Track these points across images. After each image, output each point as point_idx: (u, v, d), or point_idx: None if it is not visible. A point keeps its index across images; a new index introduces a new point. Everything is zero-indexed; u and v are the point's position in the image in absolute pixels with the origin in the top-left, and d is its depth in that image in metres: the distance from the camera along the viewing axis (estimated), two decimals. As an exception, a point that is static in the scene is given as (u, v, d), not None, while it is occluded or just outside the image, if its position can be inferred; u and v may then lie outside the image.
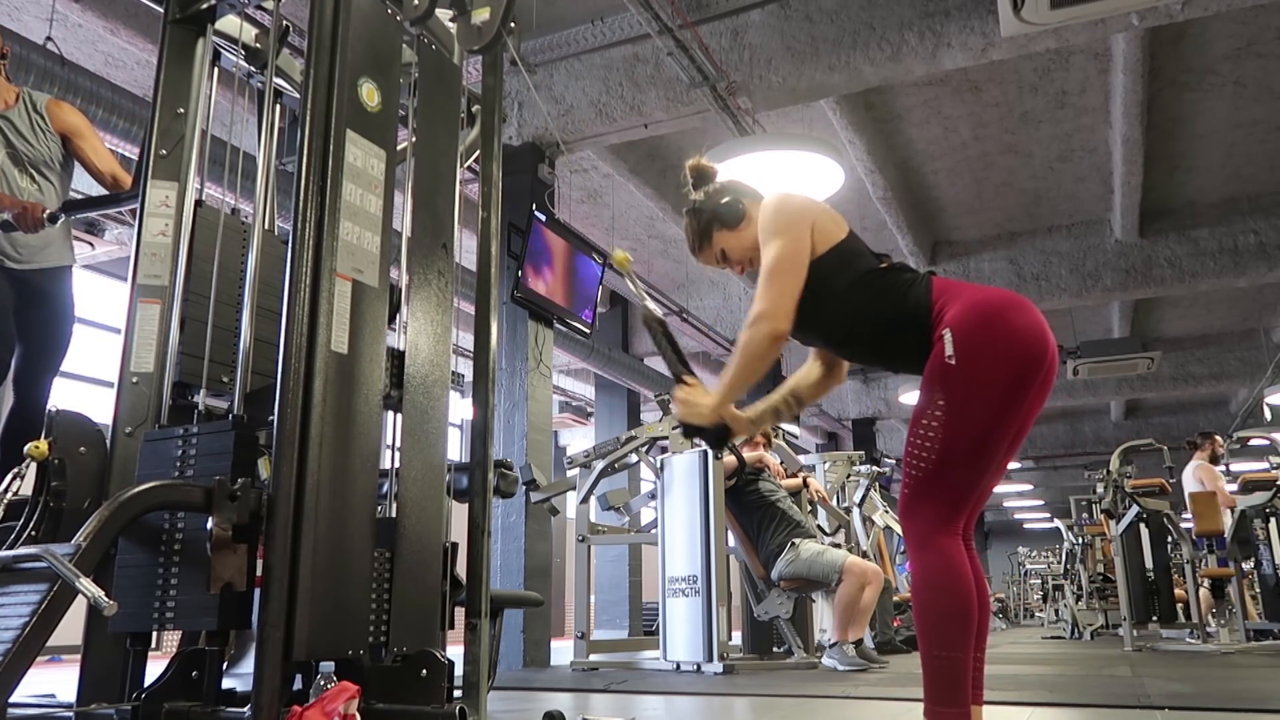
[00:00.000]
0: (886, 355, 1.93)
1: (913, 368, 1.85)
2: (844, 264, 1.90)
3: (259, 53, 2.46)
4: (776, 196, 1.97)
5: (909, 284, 1.86)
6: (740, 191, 2.08)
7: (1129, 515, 6.58)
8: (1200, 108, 6.53)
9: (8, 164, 3.06)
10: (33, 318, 3.08)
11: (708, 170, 2.14)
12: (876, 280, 1.89)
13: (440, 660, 1.78)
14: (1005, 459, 1.82)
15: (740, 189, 2.09)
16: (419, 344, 1.99)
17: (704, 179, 2.12)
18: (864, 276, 1.89)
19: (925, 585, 1.73)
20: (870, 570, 4.80)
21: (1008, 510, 24.63)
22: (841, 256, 1.91)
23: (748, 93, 5.39)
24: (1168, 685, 3.49)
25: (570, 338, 7.76)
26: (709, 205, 2.07)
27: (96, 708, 1.80)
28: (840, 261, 1.90)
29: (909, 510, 1.77)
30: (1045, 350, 1.75)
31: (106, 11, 4.57)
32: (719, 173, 2.14)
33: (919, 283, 1.86)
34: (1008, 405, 1.72)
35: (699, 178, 2.13)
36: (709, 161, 2.15)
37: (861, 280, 1.89)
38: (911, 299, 1.83)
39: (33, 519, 1.89)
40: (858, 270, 1.89)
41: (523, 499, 5.35)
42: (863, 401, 13.53)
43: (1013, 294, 1.80)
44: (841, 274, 1.89)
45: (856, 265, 1.90)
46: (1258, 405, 10.62)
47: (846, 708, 2.92)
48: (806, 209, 1.93)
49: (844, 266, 1.90)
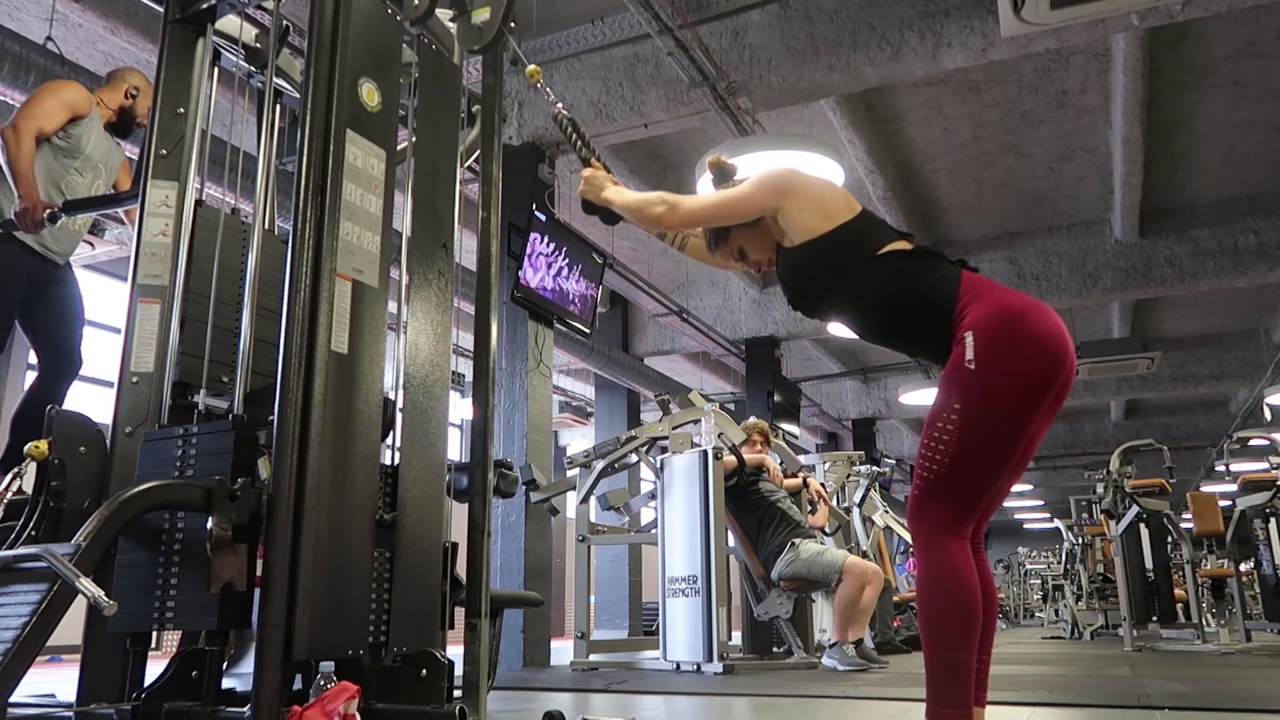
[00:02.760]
0: (901, 338, 1.93)
1: (929, 355, 1.86)
2: (858, 241, 1.89)
3: (259, 53, 2.46)
4: (786, 167, 2.02)
5: (936, 272, 1.84)
6: None
7: (1129, 515, 6.58)
8: (1200, 108, 6.53)
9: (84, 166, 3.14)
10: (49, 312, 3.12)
11: (728, 168, 2.14)
12: (898, 261, 1.87)
13: (440, 660, 1.78)
14: (1021, 464, 1.81)
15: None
16: (419, 344, 1.99)
17: (724, 177, 2.13)
18: (883, 256, 1.88)
19: (929, 586, 1.73)
20: (870, 570, 4.80)
21: (1008, 510, 24.62)
22: (853, 234, 1.90)
23: (748, 93, 5.39)
24: (1168, 685, 3.49)
25: (570, 338, 7.76)
26: None
27: (96, 708, 1.80)
28: (853, 239, 1.90)
29: (918, 511, 1.77)
30: (1065, 357, 1.73)
31: (106, 11, 4.57)
32: (739, 170, 2.14)
33: (948, 274, 1.84)
34: (1024, 411, 1.72)
35: (719, 174, 2.14)
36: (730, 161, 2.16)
37: (880, 259, 1.87)
38: (937, 289, 1.82)
39: (33, 519, 1.89)
40: (874, 248, 1.88)
41: (523, 499, 5.35)
42: (863, 401, 13.54)
43: (1034, 299, 1.79)
44: (856, 251, 1.89)
45: (872, 243, 1.89)
46: (1258, 405, 10.62)
47: (846, 708, 2.92)
48: (797, 182, 1.95)
49: (858, 243, 1.89)
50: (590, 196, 2.22)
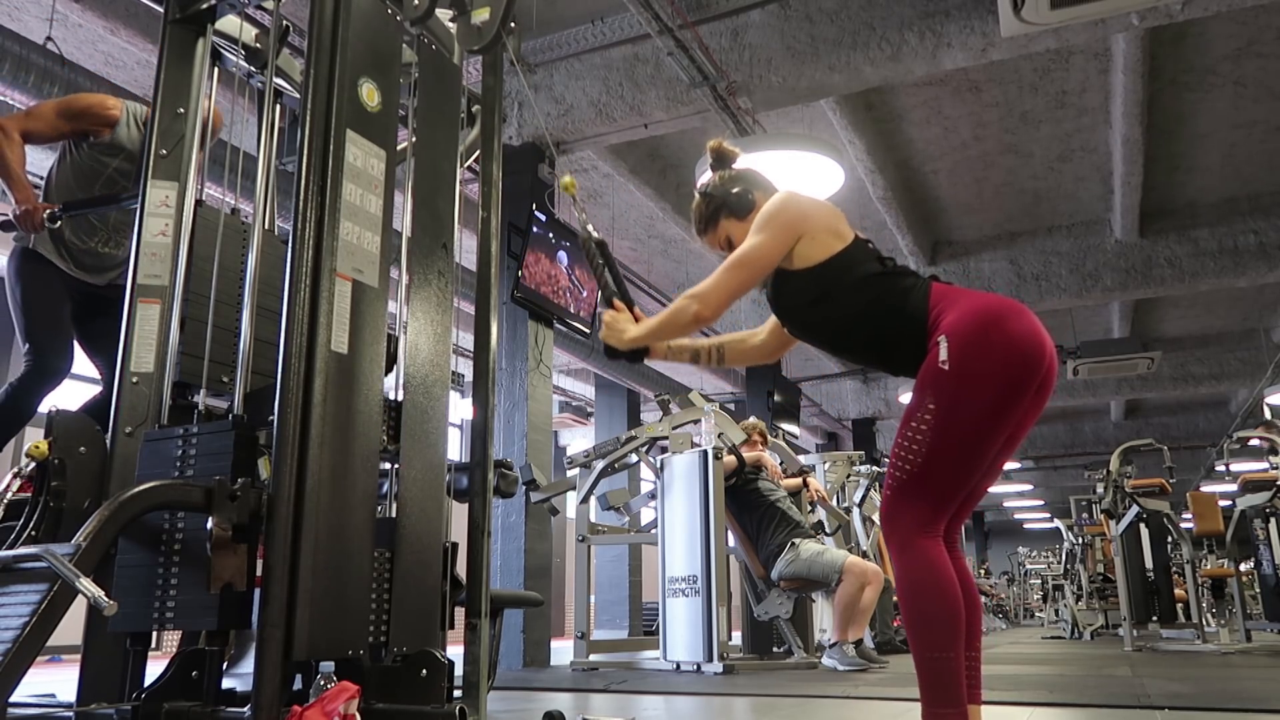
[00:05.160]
0: (883, 358, 1.93)
1: (909, 371, 1.86)
2: (846, 270, 1.90)
3: (259, 53, 2.46)
4: (784, 195, 1.97)
5: (908, 288, 1.86)
6: (754, 183, 2.08)
7: (1129, 515, 6.58)
8: (1200, 108, 6.53)
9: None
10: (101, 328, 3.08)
11: (728, 154, 2.14)
12: (875, 283, 1.88)
13: (440, 660, 1.78)
14: (997, 463, 1.82)
15: (755, 180, 2.09)
16: (419, 344, 1.99)
17: (723, 162, 2.13)
18: (864, 280, 1.89)
19: (910, 589, 1.73)
20: (870, 570, 4.80)
21: (1008, 510, 24.63)
22: (845, 264, 1.91)
23: (748, 93, 5.39)
24: (1168, 685, 3.49)
25: (570, 338, 7.76)
26: (721, 191, 2.08)
27: (96, 708, 1.80)
28: (843, 268, 1.90)
29: (891, 513, 1.77)
30: (1042, 357, 1.73)
31: (106, 11, 4.57)
32: (739, 158, 2.14)
33: (917, 287, 1.85)
34: (999, 412, 1.72)
35: (718, 160, 2.13)
36: (731, 146, 2.15)
37: (862, 283, 1.89)
38: (910, 304, 1.83)
39: (33, 519, 1.89)
40: (859, 275, 1.89)
41: (523, 499, 5.35)
42: (863, 401, 13.54)
43: (1010, 301, 1.79)
44: (844, 279, 1.89)
45: (858, 271, 1.90)
46: (1258, 405, 10.62)
47: (846, 708, 2.92)
48: (806, 216, 1.93)
49: (846, 272, 1.90)
50: (613, 343, 2.06)
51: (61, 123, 3.07)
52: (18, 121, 3.01)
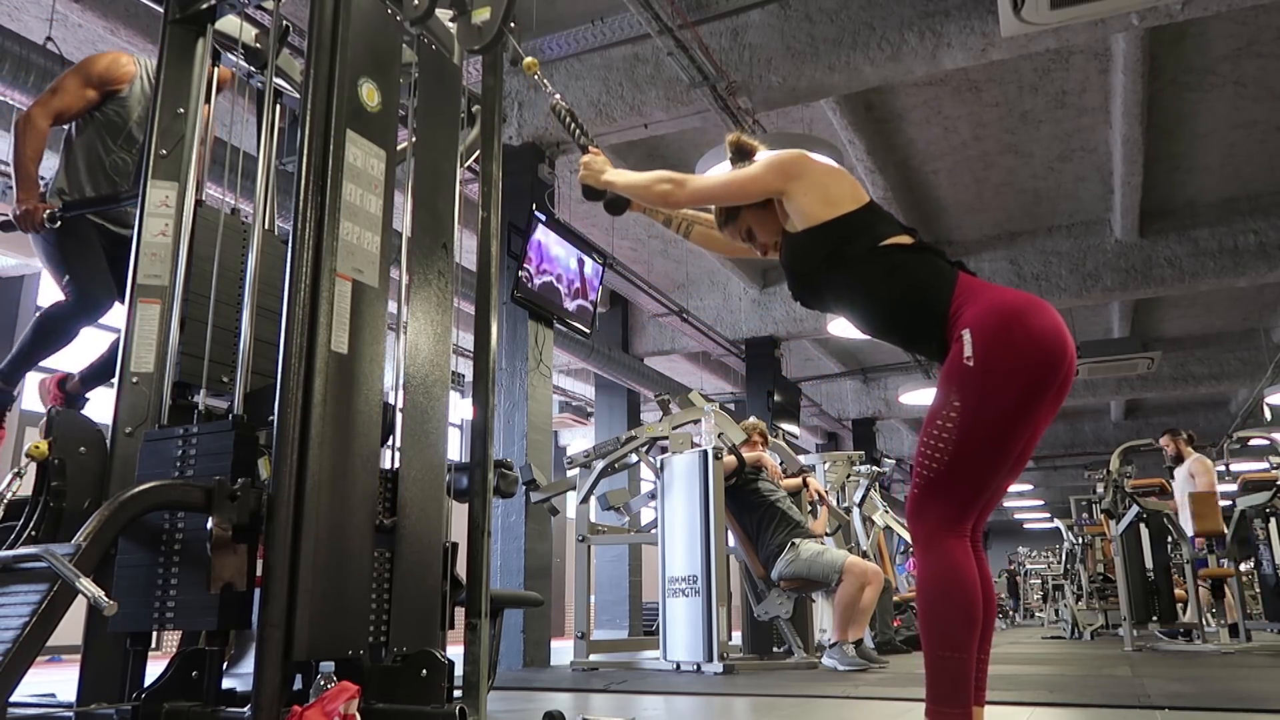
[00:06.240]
0: (896, 332, 1.93)
1: (925, 351, 1.87)
2: (860, 232, 1.89)
3: (259, 53, 2.46)
4: (796, 151, 2.01)
5: (931, 268, 1.85)
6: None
7: (1129, 515, 6.58)
8: (1200, 108, 6.53)
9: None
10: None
11: (748, 147, 2.14)
12: (896, 255, 1.87)
13: (440, 660, 1.78)
14: (1020, 461, 1.81)
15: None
16: (419, 344, 1.99)
17: (742, 155, 2.13)
18: (882, 249, 1.87)
19: (930, 586, 1.73)
20: (870, 570, 4.80)
21: (1008, 510, 24.63)
22: (858, 224, 1.90)
23: (748, 93, 5.39)
24: (1168, 685, 3.49)
25: (570, 338, 7.75)
26: None
27: (96, 708, 1.80)
28: (856, 229, 1.89)
29: (918, 510, 1.77)
30: (1064, 353, 1.73)
31: (106, 11, 4.57)
32: (759, 151, 2.14)
33: (943, 272, 1.84)
34: (1024, 408, 1.71)
35: (738, 153, 2.13)
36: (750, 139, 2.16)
37: (879, 251, 1.87)
38: (931, 286, 1.82)
39: (33, 519, 1.89)
40: (875, 240, 1.88)
41: (523, 499, 5.35)
42: (863, 401, 13.54)
43: (1031, 296, 1.79)
44: (857, 241, 1.88)
45: (874, 235, 1.89)
46: (1258, 405, 10.62)
47: (846, 708, 2.92)
48: (805, 167, 1.95)
49: (860, 234, 1.89)
50: (590, 181, 2.21)
51: (89, 91, 3.03)
52: (45, 107, 2.95)
